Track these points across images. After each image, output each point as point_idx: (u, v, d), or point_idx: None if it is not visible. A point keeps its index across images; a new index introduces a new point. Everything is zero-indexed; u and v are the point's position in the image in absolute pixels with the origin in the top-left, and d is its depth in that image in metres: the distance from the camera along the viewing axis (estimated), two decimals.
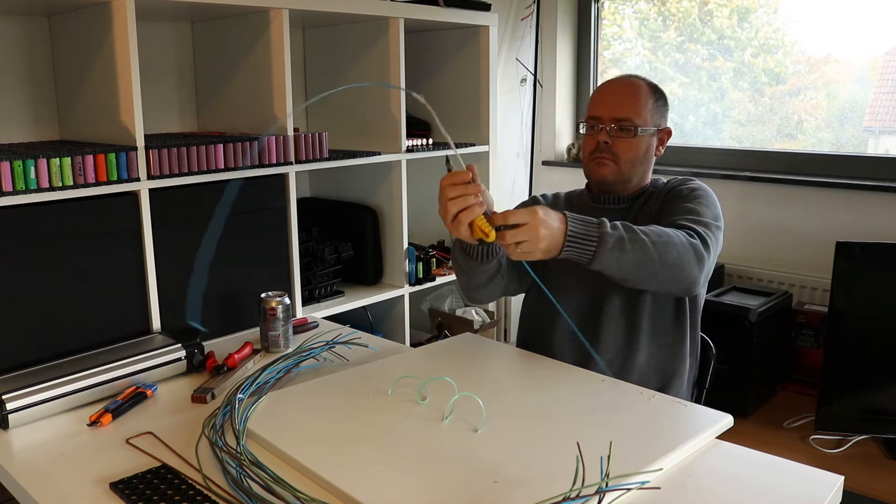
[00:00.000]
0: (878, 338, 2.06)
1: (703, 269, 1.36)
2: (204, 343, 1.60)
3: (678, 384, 1.56)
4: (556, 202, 1.71)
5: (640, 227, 1.32)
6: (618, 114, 1.55)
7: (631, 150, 1.56)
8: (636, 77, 1.61)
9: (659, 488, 1.02)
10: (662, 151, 1.62)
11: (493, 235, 1.26)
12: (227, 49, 2.06)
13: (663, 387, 1.54)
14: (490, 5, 2.49)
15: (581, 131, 1.63)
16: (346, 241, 2.26)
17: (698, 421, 1.19)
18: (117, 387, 1.42)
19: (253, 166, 1.86)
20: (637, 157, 1.57)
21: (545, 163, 3.28)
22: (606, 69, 3.30)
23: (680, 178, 1.64)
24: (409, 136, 2.31)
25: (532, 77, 3.19)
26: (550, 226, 1.25)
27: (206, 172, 1.77)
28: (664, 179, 1.65)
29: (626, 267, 1.30)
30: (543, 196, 1.74)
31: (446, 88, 2.59)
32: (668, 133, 1.62)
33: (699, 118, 3.04)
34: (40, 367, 1.43)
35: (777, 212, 2.64)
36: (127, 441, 1.21)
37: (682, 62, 3.07)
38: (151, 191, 1.68)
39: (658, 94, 1.59)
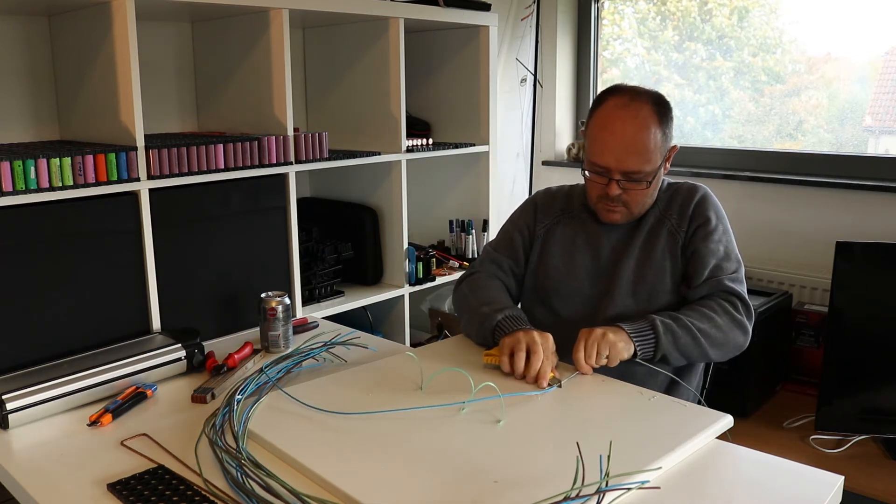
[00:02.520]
0: (878, 338, 2.06)
1: (749, 333, 1.49)
2: (204, 343, 1.60)
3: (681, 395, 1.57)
4: (558, 199, 1.68)
5: (684, 315, 1.44)
6: (627, 167, 1.46)
7: (643, 195, 1.51)
8: (639, 101, 1.46)
9: (658, 488, 1.02)
10: (669, 167, 1.55)
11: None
12: (227, 49, 2.06)
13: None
14: (490, 5, 2.49)
15: (585, 174, 1.54)
16: (346, 241, 2.26)
17: (698, 421, 1.19)
18: (117, 387, 1.42)
19: (253, 166, 1.86)
20: (649, 197, 1.54)
21: (545, 163, 3.28)
22: (606, 69, 3.30)
23: (685, 187, 1.59)
24: (409, 136, 2.31)
25: (532, 77, 3.19)
26: (608, 328, 1.40)
27: (206, 172, 1.77)
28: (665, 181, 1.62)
29: (681, 349, 1.42)
30: (547, 190, 1.72)
31: (446, 88, 2.59)
32: (675, 149, 1.54)
33: (698, 119, 3.04)
34: (40, 367, 1.43)
35: (777, 212, 2.64)
36: (122, 443, 1.21)
37: (681, 62, 3.06)
38: (151, 191, 1.68)
39: (664, 118, 1.48)
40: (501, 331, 1.44)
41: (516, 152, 3.22)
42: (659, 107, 1.48)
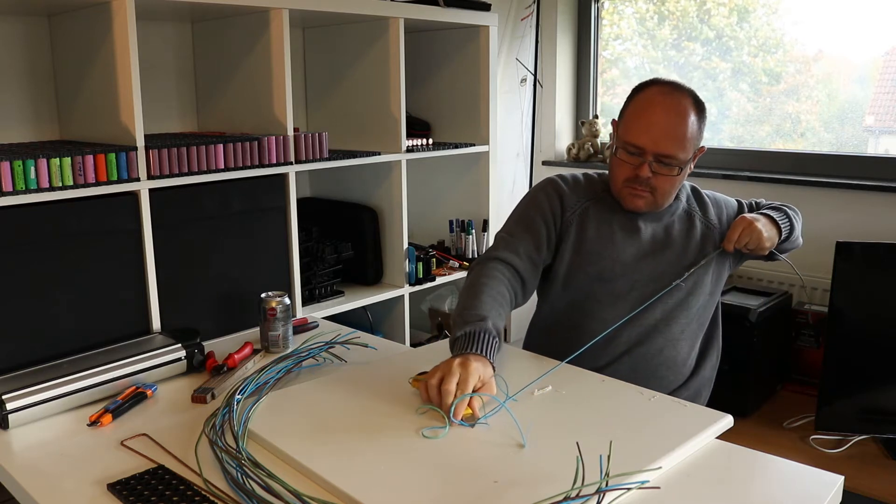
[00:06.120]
0: (878, 338, 2.06)
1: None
2: (204, 343, 1.60)
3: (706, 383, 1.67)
4: (580, 183, 1.65)
5: (788, 210, 1.64)
6: (663, 149, 1.48)
7: (670, 183, 1.53)
8: (681, 92, 1.51)
9: (658, 488, 1.02)
10: (693, 168, 1.58)
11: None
12: (227, 49, 2.06)
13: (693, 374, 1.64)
14: (490, 5, 2.49)
15: (614, 153, 1.54)
16: (346, 241, 2.26)
17: (698, 421, 1.19)
18: (117, 387, 1.42)
19: (253, 166, 1.86)
20: (674, 188, 1.55)
21: (545, 163, 3.28)
22: (606, 69, 3.30)
23: (686, 186, 1.67)
24: (409, 136, 2.31)
25: (532, 77, 3.19)
26: (758, 219, 1.55)
27: (206, 172, 1.77)
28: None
29: (796, 231, 1.63)
30: (562, 175, 1.67)
31: (446, 88, 2.59)
32: (703, 150, 1.57)
33: None
34: (40, 367, 1.43)
35: None
36: (122, 443, 1.21)
37: (681, 62, 3.07)
38: (151, 191, 1.68)
39: (701, 113, 1.53)
40: (455, 346, 1.34)
41: (516, 152, 3.22)
42: (697, 102, 1.53)
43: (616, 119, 1.59)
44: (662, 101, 1.50)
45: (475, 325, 1.35)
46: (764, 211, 1.62)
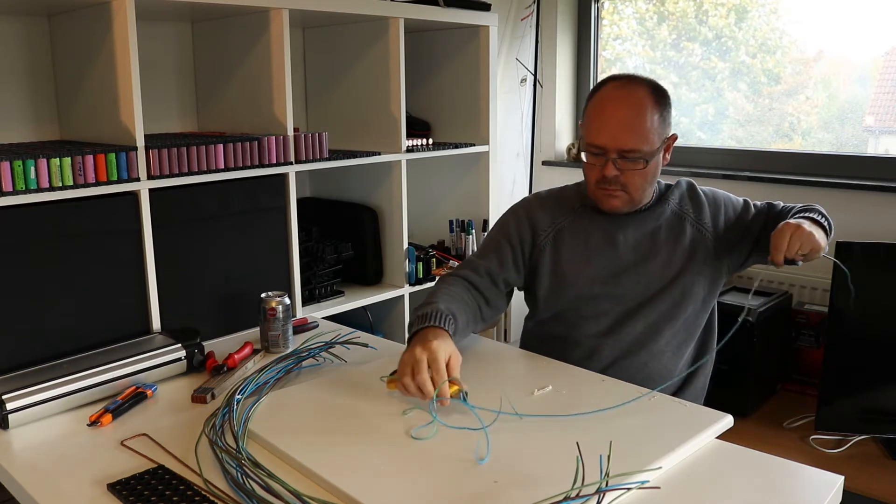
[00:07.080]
0: (878, 338, 2.06)
1: None
2: (204, 343, 1.60)
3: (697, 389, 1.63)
4: (550, 203, 1.64)
5: (815, 211, 1.52)
6: (624, 145, 1.44)
7: (641, 177, 1.49)
8: (636, 84, 1.48)
9: (658, 488, 1.02)
10: (669, 158, 1.54)
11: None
12: (227, 49, 2.06)
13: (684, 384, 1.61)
14: (490, 5, 2.49)
15: (582, 158, 1.53)
16: (346, 241, 2.26)
17: (698, 421, 1.19)
18: (117, 387, 1.42)
19: (253, 166, 1.86)
20: (647, 182, 1.52)
21: (545, 163, 3.28)
22: (606, 69, 3.30)
23: (682, 183, 1.63)
24: (409, 136, 2.31)
25: (532, 77, 3.19)
26: (802, 221, 1.40)
27: (205, 172, 1.77)
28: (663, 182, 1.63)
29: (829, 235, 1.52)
30: (537, 195, 1.68)
31: (446, 88, 2.59)
32: (674, 138, 1.53)
33: (694, 119, 3.04)
34: (40, 367, 1.43)
35: None
36: (122, 443, 1.21)
37: (680, 62, 3.07)
38: (151, 191, 1.68)
39: (662, 101, 1.48)
40: (410, 334, 1.38)
41: (516, 152, 3.22)
42: (655, 91, 1.48)
43: (581, 122, 1.56)
44: (616, 96, 1.47)
45: (425, 308, 1.41)
46: (799, 216, 1.49)
